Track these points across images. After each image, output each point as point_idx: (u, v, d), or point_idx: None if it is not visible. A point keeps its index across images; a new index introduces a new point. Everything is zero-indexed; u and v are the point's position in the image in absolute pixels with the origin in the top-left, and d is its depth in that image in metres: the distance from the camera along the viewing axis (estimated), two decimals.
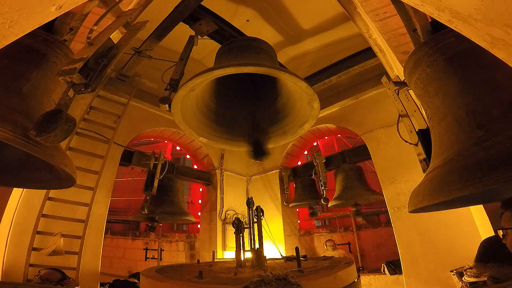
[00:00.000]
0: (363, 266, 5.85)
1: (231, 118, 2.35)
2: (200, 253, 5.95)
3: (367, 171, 5.20)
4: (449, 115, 1.35)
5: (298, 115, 2.07)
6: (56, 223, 3.29)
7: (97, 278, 3.57)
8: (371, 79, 4.53)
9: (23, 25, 0.82)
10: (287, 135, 2.17)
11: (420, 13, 1.63)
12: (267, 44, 2.42)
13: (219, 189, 5.68)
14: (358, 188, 4.46)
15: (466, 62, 1.39)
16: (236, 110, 2.37)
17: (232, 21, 3.68)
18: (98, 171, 3.71)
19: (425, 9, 0.90)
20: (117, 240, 6.97)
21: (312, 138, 6.29)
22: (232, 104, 2.37)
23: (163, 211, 4.34)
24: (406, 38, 2.34)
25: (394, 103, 2.06)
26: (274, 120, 2.26)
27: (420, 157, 1.73)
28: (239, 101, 2.39)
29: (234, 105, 2.38)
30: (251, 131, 1.70)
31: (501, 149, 1.05)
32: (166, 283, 1.70)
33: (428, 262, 3.48)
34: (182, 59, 2.56)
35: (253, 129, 1.70)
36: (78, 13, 1.81)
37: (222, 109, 2.33)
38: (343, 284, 1.75)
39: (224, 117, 2.32)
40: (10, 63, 1.46)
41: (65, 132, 1.20)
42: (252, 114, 2.31)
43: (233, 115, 2.36)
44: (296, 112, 2.09)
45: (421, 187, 1.36)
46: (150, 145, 8.01)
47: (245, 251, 2.49)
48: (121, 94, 4.45)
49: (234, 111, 2.37)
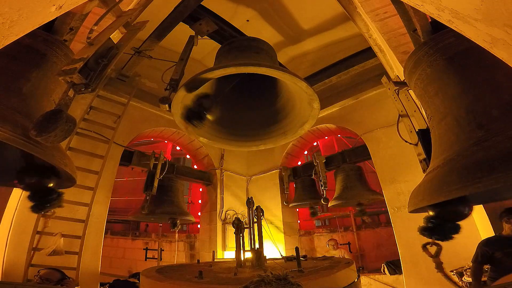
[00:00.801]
0: (363, 266, 5.85)
1: (231, 118, 2.35)
2: (200, 253, 5.95)
3: (367, 171, 5.20)
4: (449, 115, 1.35)
5: (298, 115, 2.07)
6: (56, 223, 3.29)
7: (97, 278, 3.57)
8: (371, 79, 4.53)
9: (23, 25, 0.82)
10: (287, 135, 2.17)
11: (420, 13, 1.63)
12: (267, 44, 2.42)
13: (219, 189, 5.69)
14: (358, 188, 4.46)
15: (466, 62, 1.39)
16: (236, 110, 2.37)
17: (232, 21, 3.68)
18: (98, 171, 3.71)
19: (425, 9, 0.90)
20: (117, 240, 6.97)
21: (312, 138, 6.29)
22: (232, 104, 2.37)
23: (163, 211, 4.34)
24: (406, 38, 2.34)
25: (394, 103, 2.06)
26: (274, 120, 2.25)
27: (420, 157, 1.73)
28: (239, 101, 2.39)
29: (234, 105, 2.38)
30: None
31: (501, 149, 1.05)
32: (166, 283, 1.69)
33: (428, 262, 3.45)
34: (182, 59, 2.56)
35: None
36: (78, 13, 1.81)
37: (222, 109, 2.33)
38: (343, 284, 1.75)
39: (224, 117, 2.32)
40: (10, 63, 1.46)
41: (65, 132, 1.20)
42: (252, 114, 2.31)
43: (233, 115, 2.36)
44: (296, 112, 2.09)
45: (421, 187, 1.36)
46: (150, 145, 8.01)
47: (245, 251, 2.49)
48: (121, 94, 4.45)
49: (234, 111, 2.37)
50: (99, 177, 3.70)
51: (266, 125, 2.26)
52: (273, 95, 2.32)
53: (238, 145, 2.33)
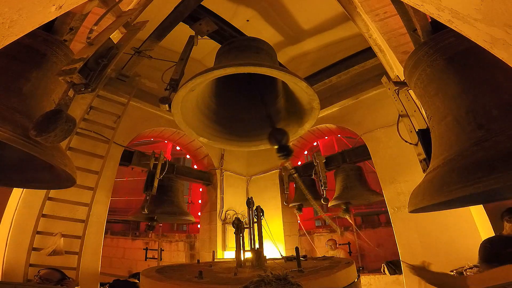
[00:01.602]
0: (363, 266, 5.86)
1: (231, 118, 2.35)
2: (200, 253, 5.95)
3: (367, 171, 5.20)
4: (449, 115, 1.35)
5: (298, 115, 2.07)
6: (56, 223, 3.29)
7: (97, 278, 3.57)
8: (371, 79, 4.52)
9: (23, 25, 0.82)
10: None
11: (420, 13, 1.63)
12: (267, 44, 2.42)
13: (219, 189, 5.68)
14: (358, 188, 4.46)
15: (466, 62, 1.39)
16: (236, 110, 2.37)
17: (232, 21, 3.68)
18: (98, 171, 3.71)
19: (425, 9, 0.90)
20: (117, 240, 6.97)
21: (312, 138, 6.29)
22: (232, 104, 2.37)
23: (163, 211, 4.34)
24: (406, 38, 2.34)
25: (394, 103, 2.06)
26: (274, 120, 2.25)
27: (420, 157, 1.73)
28: (239, 101, 2.39)
29: (234, 105, 2.38)
30: (271, 132, 1.83)
31: (501, 149, 1.05)
32: (166, 283, 1.69)
33: (428, 262, 3.48)
34: (182, 59, 2.56)
35: (272, 131, 1.84)
36: (78, 13, 1.81)
37: (222, 109, 2.33)
38: (343, 284, 1.75)
39: (224, 117, 2.32)
40: (10, 63, 1.46)
41: (65, 132, 1.20)
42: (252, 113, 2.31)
43: (233, 115, 2.36)
44: (296, 112, 2.09)
45: (421, 187, 1.36)
46: (150, 145, 8.01)
47: (245, 251, 2.49)
48: (121, 94, 4.45)
49: (234, 111, 2.37)
50: (99, 177, 3.70)
51: (266, 125, 2.26)
52: (273, 95, 2.32)
53: (238, 145, 2.33)
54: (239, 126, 2.32)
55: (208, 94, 2.25)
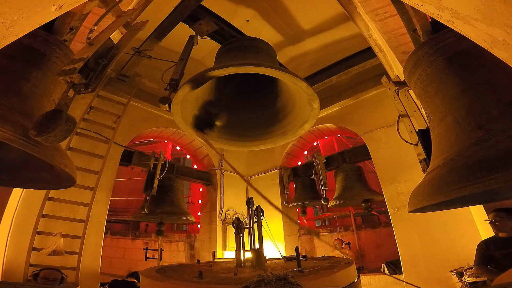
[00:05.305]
0: (363, 266, 5.86)
1: (231, 118, 2.35)
2: (200, 253, 5.95)
3: (367, 171, 5.20)
4: (449, 115, 1.35)
5: (298, 115, 2.07)
6: (56, 223, 3.29)
7: (97, 278, 3.57)
8: (371, 79, 4.53)
9: (23, 25, 0.82)
10: (287, 135, 2.16)
11: (420, 13, 1.63)
12: (267, 44, 2.42)
13: (219, 189, 5.68)
14: (358, 188, 4.46)
15: (466, 62, 1.39)
16: (235, 110, 2.37)
17: (232, 21, 3.68)
18: (98, 171, 3.71)
19: (425, 9, 0.90)
20: (117, 240, 6.97)
21: (312, 138, 6.29)
22: (232, 104, 2.37)
23: (163, 211, 4.33)
24: (406, 38, 2.34)
25: (394, 103, 2.06)
26: (274, 120, 2.25)
27: (420, 157, 1.73)
28: (239, 101, 2.39)
29: (234, 105, 2.37)
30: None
31: (501, 149, 1.05)
32: (166, 283, 1.69)
33: (428, 262, 3.48)
34: (182, 59, 2.55)
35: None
36: (78, 13, 1.81)
37: (221, 109, 2.32)
38: (343, 284, 1.75)
39: (224, 117, 2.32)
40: (10, 63, 1.46)
41: (65, 132, 1.20)
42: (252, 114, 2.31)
43: (232, 115, 2.36)
44: (296, 112, 2.09)
45: (421, 187, 1.36)
46: (150, 145, 8.01)
47: (245, 251, 2.49)
48: (121, 94, 4.45)
49: (233, 111, 2.37)
50: (99, 177, 3.70)
51: (266, 125, 2.26)
52: (273, 95, 2.32)
53: (238, 145, 2.33)
54: (239, 126, 2.32)
55: (208, 94, 2.25)
